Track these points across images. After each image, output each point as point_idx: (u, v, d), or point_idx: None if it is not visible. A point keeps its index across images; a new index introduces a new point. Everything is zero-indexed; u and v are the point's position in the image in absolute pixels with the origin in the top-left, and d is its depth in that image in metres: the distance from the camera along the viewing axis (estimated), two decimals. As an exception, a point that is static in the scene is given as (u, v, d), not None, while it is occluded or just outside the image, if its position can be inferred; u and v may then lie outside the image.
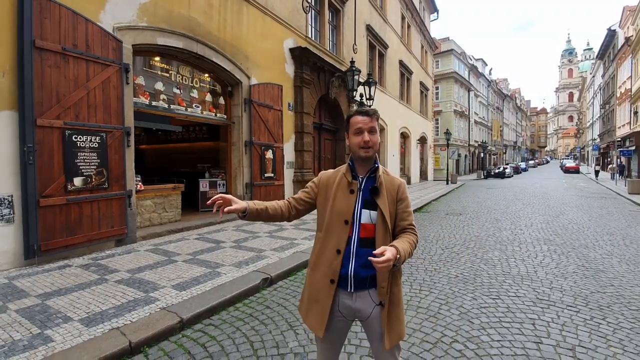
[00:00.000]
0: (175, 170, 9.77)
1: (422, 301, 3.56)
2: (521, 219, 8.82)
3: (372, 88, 8.96)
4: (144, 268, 4.23)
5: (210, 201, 1.49)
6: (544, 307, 3.43)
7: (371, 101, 9.10)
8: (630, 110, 24.61)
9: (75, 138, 4.68)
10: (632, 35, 24.14)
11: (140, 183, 6.04)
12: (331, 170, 1.67)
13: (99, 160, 4.92)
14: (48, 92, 4.46)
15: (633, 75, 24.12)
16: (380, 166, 1.59)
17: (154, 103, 6.25)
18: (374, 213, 1.50)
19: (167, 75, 6.64)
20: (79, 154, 4.71)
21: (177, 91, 6.79)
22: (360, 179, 1.56)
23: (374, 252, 1.29)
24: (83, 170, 4.75)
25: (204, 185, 8.21)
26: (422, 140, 23.12)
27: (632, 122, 24.27)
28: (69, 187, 4.61)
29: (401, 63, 18.26)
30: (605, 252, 5.60)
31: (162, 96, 6.43)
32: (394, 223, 1.54)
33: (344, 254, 1.49)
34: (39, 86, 4.37)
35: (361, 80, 9.20)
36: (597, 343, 2.75)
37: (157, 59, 6.42)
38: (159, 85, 6.39)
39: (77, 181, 4.69)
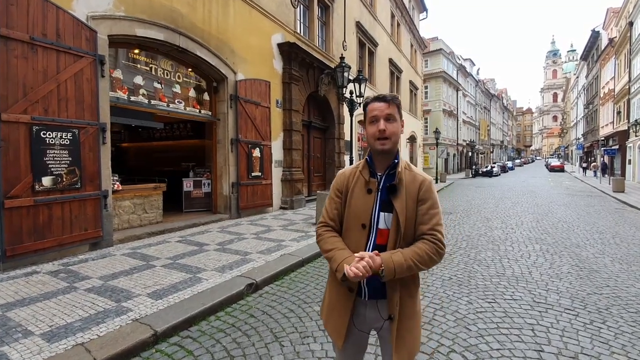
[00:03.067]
0: (158, 169, 9.41)
1: (415, 306, 3.37)
2: (511, 218, 8.77)
3: (363, 85, 8.76)
4: (118, 274, 3.93)
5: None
6: (541, 311, 3.29)
7: (361, 98, 8.90)
8: (614, 110, 25.15)
9: (44, 134, 4.34)
10: (616, 37, 24.65)
11: (117, 183, 5.71)
12: (348, 167, 1.50)
13: (70, 159, 4.58)
14: (14, 84, 4.12)
15: (616, 76, 24.64)
16: (403, 160, 1.41)
17: (132, 98, 5.92)
18: (389, 216, 1.33)
19: (147, 69, 6.30)
20: (48, 151, 4.37)
21: (158, 86, 6.45)
22: (379, 177, 1.39)
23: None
24: (53, 169, 4.41)
25: (187, 184, 7.89)
26: (412, 139, 23.10)
27: (615, 122, 24.81)
28: (37, 187, 4.27)
29: (391, 61, 18.15)
30: (597, 251, 5.53)
31: (142, 91, 6.09)
32: (414, 227, 1.34)
33: None
34: (3, 78, 4.03)
35: (351, 77, 8.99)
36: (600, 350, 2.61)
37: (136, 51, 6.08)
38: (139, 80, 6.05)
39: (46, 181, 4.34)
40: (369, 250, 1.34)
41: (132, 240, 5.49)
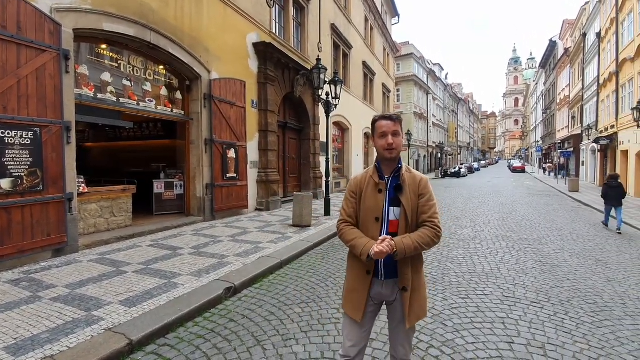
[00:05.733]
0: (127, 171, 9.00)
1: (394, 305, 3.46)
2: (479, 217, 9.19)
3: (338, 87, 8.83)
4: (86, 282, 3.72)
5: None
6: (510, 305, 3.49)
7: (337, 100, 8.98)
8: (569, 115, 27.00)
9: (3, 133, 4.03)
10: (571, 47, 26.47)
11: (83, 185, 5.40)
12: (360, 173, 1.80)
13: (31, 159, 4.28)
14: (-34, 78, 3.80)
15: (571, 83, 26.47)
16: (404, 165, 1.73)
17: (100, 96, 5.63)
18: (397, 209, 1.65)
19: (116, 65, 6.01)
20: (6, 151, 4.06)
21: (128, 83, 6.18)
22: (387, 179, 1.70)
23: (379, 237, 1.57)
24: (12, 171, 4.11)
25: (158, 186, 7.60)
26: (385, 141, 23.56)
27: (570, 126, 26.63)
28: (-6, 190, 3.96)
29: (365, 64, 18.45)
30: (557, 247, 5.93)
31: (110, 88, 5.80)
32: (417, 217, 1.66)
33: None
34: (-47, 71, 3.71)
35: (327, 79, 9.05)
36: (564, 339, 2.80)
37: (104, 47, 5.78)
38: (106, 76, 5.76)
39: (4, 183, 4.04)
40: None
41: (99, 246, 5.22)
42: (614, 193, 7.63)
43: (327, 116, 8.88)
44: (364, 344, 1.78)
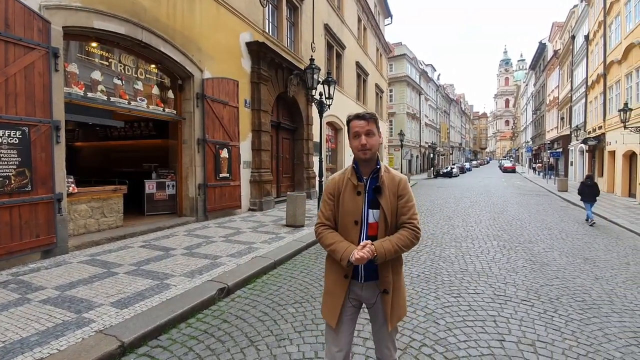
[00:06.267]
0: (118, 171, 8.87)
1: (387, 304, 3.48)
2: (471, 216, 9.29)
3: (332, 87, 8.83)
4: (76, 283, 3.67)
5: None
6: (501, 303, 3.53)
7: (330, 100, 8.99)
8: (558, 116, 27.45)
9: (-11, 132, 3.95)
10: (560, 49, 26.91)
11: (73, 185, 5.31)
12: (337, 174, 1.74)
13: (19, 159, 4.20)
14: (-49, 76, 3.72)
15: (560, 85, 26.91)
16: (383, 165, 1.68)
17: (90, 94, 5.54)
18: (377, 212, 1.61)
19: (107, 64, 5.92)
20: (-7, 151, 3.98)
21: (119, 82, 6.10)
22: (365, 180, 1.65)
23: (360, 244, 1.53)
24: (-1, 171, 4.03)
25: (150, 186, 7.51)
26: (378, 141, 23.65)
27: (559, 127, 27.07)
28: (-20, 190, 3.88)
29: (358, 64, 18.50)
30: (547, 246, 6.02)
31: (100, 87, 5.72)
32: (396, 218, 1.63)
33: None
34: (-62, 69, 3.62)
35: (320, 79, 9.06)
36: (553, 337, 2.85)
37: (95, 45, 5.70)
38: (96, 75, 5.68)
39: (-9, 183, 3.96)
40: (362, 241, 1.59)
41: (89, 247, 5.14)
42: (588, 191, 8.52)
43: (321, 116, 8.89)
44: (350, 347, 1.75)
